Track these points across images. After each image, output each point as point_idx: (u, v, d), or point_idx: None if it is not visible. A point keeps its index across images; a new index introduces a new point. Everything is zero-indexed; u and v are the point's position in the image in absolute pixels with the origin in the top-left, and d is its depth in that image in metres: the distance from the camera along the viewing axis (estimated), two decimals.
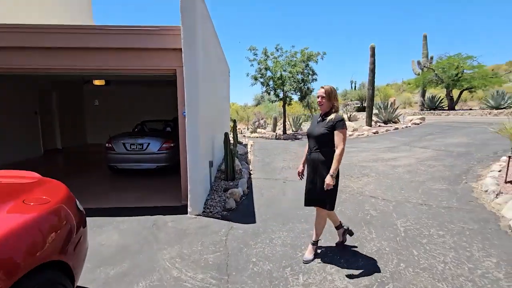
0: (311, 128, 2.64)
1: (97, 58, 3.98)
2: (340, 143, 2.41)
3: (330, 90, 2.52)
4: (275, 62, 12.92)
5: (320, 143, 2.51)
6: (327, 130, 2.45)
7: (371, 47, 13.22)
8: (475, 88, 17.24)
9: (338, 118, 2.46)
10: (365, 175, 5.55)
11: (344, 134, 2.44)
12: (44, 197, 1.76)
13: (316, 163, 2.52)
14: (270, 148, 9.72)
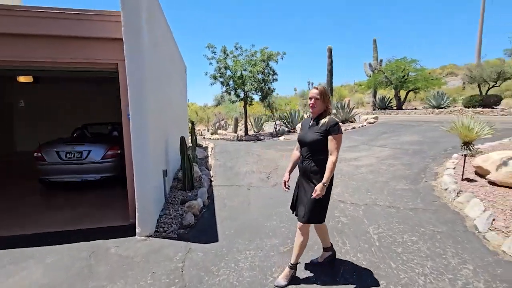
0: (302, 134, 2.36)
1: (18, 47, 3.14)
2: (334, 150, 2.14)
3: (324, 91, 2.25)
4: (235, 61, 12.50)
5: (313, 151, 2.23)
6: (321, 135, 2.18)
7: (328, 49, 13.53)
8: (419, 89, 18.78)
9: (332, 122, 2.18)
10: None
11: (339, 140, 2.17)
12: None
13: (308, 172, 2.25)
14: (232, 151, 9.27)
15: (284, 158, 7.38)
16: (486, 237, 2.92)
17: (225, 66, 12.51)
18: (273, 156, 7.86)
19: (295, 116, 14.11)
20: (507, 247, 2.68)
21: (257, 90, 12.85)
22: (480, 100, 14.50)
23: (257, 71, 12.07)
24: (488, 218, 3.10)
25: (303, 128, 2.42)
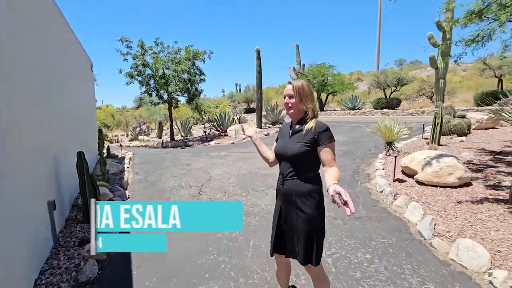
0: (282, 144, 1.79)
1: None
2: (331, 161, 1.61)
3: (301, 87, 1.70)
4: (155, 58, 11.12)
5: (298, 166, 1.68)
6: (307, 146, 1.65)
7: (256, 50, 13.38)
8: (336, 92, 20.61)
9: (321, 127, 1.65)
10: (269, 187, 4.96)
11: (333, 149, 1.64)
12: None
13: (292, 195, 1.68)
14: (156, 161, 8.04)
15: (216, 167, 6.66)
16: (433, 244, 2.83)
17: (143, 63, 11.00)
18: (204, 164, 7.05)
19: (225, 119, 13.52)
20: (454, 254, 2.60)
21: (183, 91, 11.75)
22: (386, 102, 16.68)
23: (182, 70, 10.99)
24: (431, 223, 3.05)
25: (282, 136, 1.84)
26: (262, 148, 1.95)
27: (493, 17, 4.51)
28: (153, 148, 11.48)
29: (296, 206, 1.67)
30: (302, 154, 1.65)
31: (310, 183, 1.66)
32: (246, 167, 6.50)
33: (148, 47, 11.34)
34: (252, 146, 9.45)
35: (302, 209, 1.65)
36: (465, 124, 7.17)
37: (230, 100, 29.43)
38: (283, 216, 1.76)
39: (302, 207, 1.65)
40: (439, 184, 4.05)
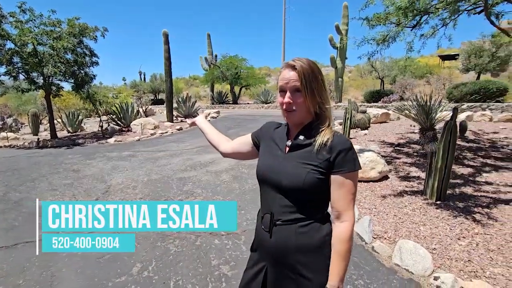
0: (270, 164, 1.06)
1: None
2: (348, 206, 0.97)
3: (311, 72, 0.97)
4: (21, 29, 8.28)
5: (300, 205, 0.99)
6: (320, 172, 0.97)
7: (164, 33, 11.82)
8: (249, 85, 20.78)
9: (344, 143, 0.97)
10: (189, 194, 4.12)
11: (356, 185, 0.99)
12: None
13: (289, 253, 1.00)
14: (26, 167, 5.91)
15: (118, 172, 5.30)
16: (375, 249, 2.67)
17: (1, 35, 8.02)
18: (100, 170, 5.54)
19: (128, 111, 11.52)
20: (398, 259, 2.48)
21: (67, 76, 9.26)
22: None
23: (63, 48, 8.55)
24: (369, 225, 2.92)
25: (269, 148, 1.11)
26: (211, 135, 1.34)
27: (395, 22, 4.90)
28: (23, 148, 8.66)
29: (296, 271, 1.00)
30: (310, 187, 0.96)
31: (319, 234, 0.99)
32: (158, 170, 5.40)
33: (9, 14, 8.36)
34: (166, 143, 8.20)
35: (307, 276, 0.99)
36: (367, 118, 8.02)
37: (134, 90, 26.03)
38: (269, 281, 1.06)
39: (307, 272, 0.98)
40: (363, 179, 4.12)
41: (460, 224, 2.88)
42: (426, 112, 4.78)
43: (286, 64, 1.01)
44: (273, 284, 1.06)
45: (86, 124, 13.79)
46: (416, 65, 23.18)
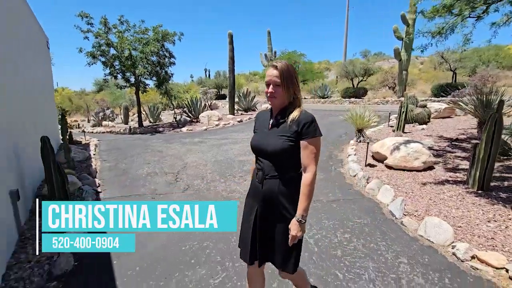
0: (259, 138, 1.54)
1: None
2: (310, 162, 1.42)
3: (287, 71, 1.44)
4: (120, 38, 10.33)
5: (280, 165, 1.47)
6: (290, 141, 1.43)
7: (229, 34, 13.02)
8: (307, 80, 20.99)
9: (307, 118, 1.43)
10: (247, 172, 4.98)
11: (317, 146, 1.44)
12: None
13: (274, 197, 1.47)
14: (125, 147, 7.63)
15: (191, 153, 6.51)
16: (403, 223, 3.08)
17: (107, 43, 10.18)
18: (178, 151, 6.84)
19: (197, 105, 13.14)
20: (423, 231, 2.85)
21: (152, 75, 11.15)
22: (353, 92, 17.40)
23: (150, 52, 10.37)
24: (401, 204, 3.30)
25: (259, 129, 1.60)
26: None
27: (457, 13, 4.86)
28: (120, 134, 10.84)
29: (278, 209, 1.48)
30: (284, 151, 1.43)
31: (294, 183, 1.46)
32: (222, 153, 6.44)
33: (112, 25, 10.49)
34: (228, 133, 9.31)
35: (284, 214, 1.47)
36: (426, 113, 7.77)
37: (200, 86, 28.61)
38: (259, 218, 1.53)
39: (284, 211, 1.47)
40: (406, 168, 4.37)
41: (495, 210, 3.04)
42: (485, 106, 4.68)
43: (271, 64, 1.48)
44: (262, 217, 1.52)
45: (162, 116, 16.10)
46: (504, 53, 20.06)
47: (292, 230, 1.42)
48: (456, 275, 2.25)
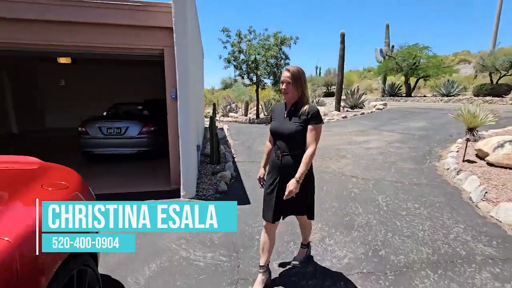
0: (277, 124, 2.04)
1: (73, 33, 3.63)
2: (312, 141, 1.90)
3: (297, 74, 1.95)
4: (249, 45, 12.78)
5: (294, 144, 1.96)
6: (301, 126, 1.93)
7: (341, 34, 13.65)
8: (429, 76, 18.82)
9: (313, 110, 1.94)
10: (342, 157, 5.94)
11: (318, 131, 1.94)
12: (63, 183, 1.68)
13: (290, 169, 1.94)
14: (247, 132, 9.80)
15: None
16: (479, 205, 3.45)
17: (239, 50, 12.81)
18: None
19: None
20: (494, 212, 3.21)
21: (270, 75, 13.19)
22: (490, 89, 14.63)
23: (270, 56, 12.37)
24: (482, 191, 3.62)
25: (276, 118, 2.09)
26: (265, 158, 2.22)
27: None
28: (242, 123, 13.48)
29: (292, 175, 1.88)
30: (297, 133, 1.92)
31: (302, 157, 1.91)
32: (323, 142, 7.52)
33: (243, 35, 13.07)
34: (330, 127, 10.31)
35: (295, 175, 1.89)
36: None
37: (310, 84, 29.79)
38: (281, 187, 1.95)
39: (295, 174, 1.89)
40: (508, 166, 4.33)
41: None
42: None
43: (285, 68, 1.98)
44: (283, 185, 1.93)
45: None
46: None
47: (290, 185, 1.84)
48: (507, 243, 2.70)
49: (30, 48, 3.89)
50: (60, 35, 3.64)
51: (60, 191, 1.59)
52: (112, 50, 3.93)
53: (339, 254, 2.59)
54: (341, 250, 2.65)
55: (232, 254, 2.59)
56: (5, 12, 3.39)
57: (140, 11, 3.62)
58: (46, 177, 1.69)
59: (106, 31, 3.67)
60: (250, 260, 2.49)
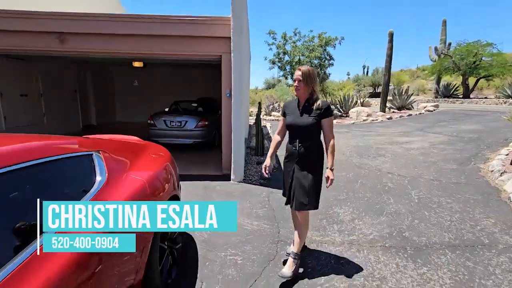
0: (293, 119, 2.25)
1: (154, 44, 4.55)
2: (330, 132, 2.22)
3: (307, 73, 2.18)
4: (293, 47, 13.25)
5: (308, 135, 2.22)
6: (315, 119, 2.18)
7: (389, 33, 13.32)
8: (492, 76, 17.19)
9: (326, 104, 2.19)
10: (381, 155, 6.12)
11: (332, 123, 2.25)
12: (161, 153, 2.43)
13: (305, 157, 2.22)
14: None
15: (337, 139, 8.18)
16: (511, 199, 3.52)
17: (284, 52, 13.36)
18: None
19: (348, 101, 14.43)
20: None
21: None
22: None
23: (314, 57, 12.69)
24: None
25: (291, 113, 2.30)
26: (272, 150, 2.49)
27: None
28: None
29: (309, 164, 2.21)
30: (311, 126, 2.18)
31: (317, 146, 2.24)
32: (363, 141, 7.70)
33: (289, 37, 13.59)
34: (373, 127, 10.37)
35: (313, 167, 2.22)
36: None
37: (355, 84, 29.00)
38: (295, 174, 2.24)
39: (310, 164, 2.22)
40: None
41: None
42: None
43: (297, 68, 2.22)
44: (297, 172, 2.23)
45: None
46: None
47: (330, 176, 2.20)
48: None
49: (113, 56, 4.94)
50: (139, 46, 4.59)
51: (160, 158, 2.34)
52: (180, 56, 4.80)
53: (365, 231, 3.00)
54: (368, 229, 3.05)
55: (274, 223, 3.17)
56: (102, 29, 4.43)
57: (207, 25, 4.39)
58: (150, 149, 2.46)
59: (179, 42, 4.53)
60: (289, 229, 3.04)
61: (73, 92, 9.11)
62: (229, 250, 2.69)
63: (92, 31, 4.42)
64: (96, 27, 4.44)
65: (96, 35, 4.44)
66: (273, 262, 2.50)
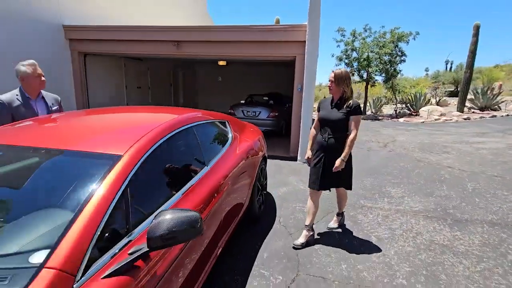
0: (325, 113, 2.55)
1: (244, 47, 5.73)
2: (354, 128, 2.43)
3: (340, 75, 2.44)
4: (362, 43, 13.27)
5: (338, 129, 2.48)
6: (344, 115, 2.44)
7: (475, 26, 12.24)
8: None
9: (356, 104, 2.45)
10: (445, 152, 6.23)
11: (358, 121, 2.46)
12: (256, 129, 3.51)
13: (333, 147, 2.48)
14: None
15: (401, 135, 8.31)
16: None
17: (352, 48, 13.48)
18: (391, 133, 8.87)
19: (420, 99, 13.75)
20: None
21: (382, 72, 13.29)
22: None
23: (384, 53, 12.52)
24: None
25: (324, 108, 2.59)
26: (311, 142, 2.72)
27: None
28: None
29: (337, 154, 2.43)
30: (340, 120, 2.44)
31: (343, 138, 2.46)
32: (429, 139, 7.71)
33: (358, 33, 13.61)
34: (444, 127, 10.04)
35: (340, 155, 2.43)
36: None
37: (433, 81, 26.50)
38: (326, 163, 2.51)
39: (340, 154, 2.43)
40: None
41: None
42: None
43: (332, 70, 2.49)
44: (328, 161, 2.49)
45: (383, 109, 17.81)
46: None
47: (337, 162, 2.42)
48: None
49: (211, 57, 6.29)
50: (228, 49, 5.82)
51: (256, 131, 3.41)
52: (260, 57, 5.88)
53: (412, 205, 3.59)
54: (415, 204, 3.62)
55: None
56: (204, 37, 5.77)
57: (287, 31, 5.34)
58: (248, 126, 3.55)
59: (262, 46, 5.60)
60: None
61: (169, 85, 11.23)
62: (298, 203, 3.64)
63: (198, 39, 5.82)
64: (199, 36, 5.83)
65: (200, 42, 5.83)
66: (331, 214, 3.34)
